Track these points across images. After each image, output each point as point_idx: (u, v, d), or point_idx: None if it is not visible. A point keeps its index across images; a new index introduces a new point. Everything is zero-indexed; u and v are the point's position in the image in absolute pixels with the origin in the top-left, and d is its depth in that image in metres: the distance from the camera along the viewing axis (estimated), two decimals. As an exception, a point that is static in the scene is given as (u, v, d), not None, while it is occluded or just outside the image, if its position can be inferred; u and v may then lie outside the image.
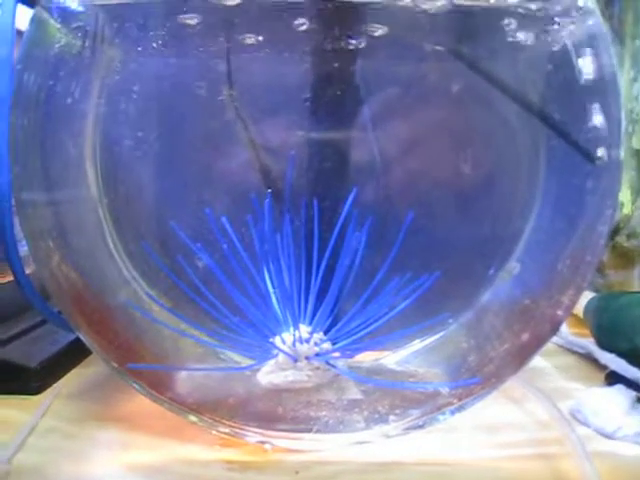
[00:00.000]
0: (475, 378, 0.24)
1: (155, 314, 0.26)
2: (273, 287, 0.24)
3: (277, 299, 0.24)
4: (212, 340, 0.25)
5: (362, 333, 0.24)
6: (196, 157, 0.27)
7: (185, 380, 0.26)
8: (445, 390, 0.25)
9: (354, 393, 0.25)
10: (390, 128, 0.26)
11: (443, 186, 0.27)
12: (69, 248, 0.25)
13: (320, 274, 0.24)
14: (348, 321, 0.24)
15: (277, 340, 0.24)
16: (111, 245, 0.27)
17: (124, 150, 0.26)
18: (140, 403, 0.27)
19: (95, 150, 0.26)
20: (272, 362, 0.24)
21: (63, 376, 0.31)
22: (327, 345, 0.25)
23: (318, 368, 0.24)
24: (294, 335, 0.24)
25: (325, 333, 0.25)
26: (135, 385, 0.25)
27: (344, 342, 0.24)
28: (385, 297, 0.23)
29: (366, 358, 0.28)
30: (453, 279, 0.25)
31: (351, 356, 0.25)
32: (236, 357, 0.28)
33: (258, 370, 0.25)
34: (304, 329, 0.24)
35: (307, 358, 0.24)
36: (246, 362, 0.26)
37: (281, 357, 0.24)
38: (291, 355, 0.24)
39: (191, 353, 0.27)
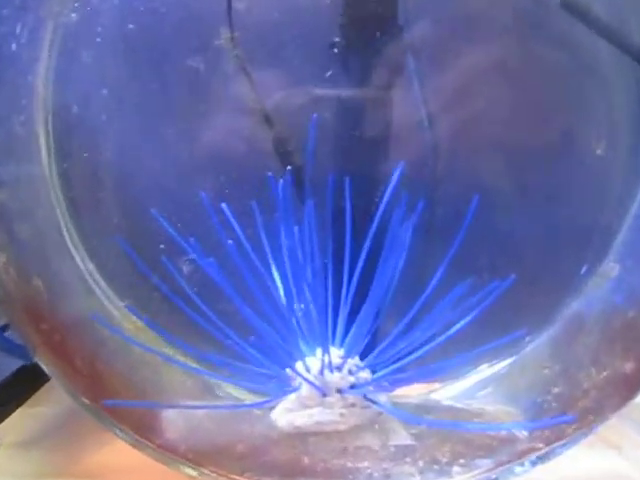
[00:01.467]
0: (565, 416, 0.25)
1: (130, 332, 0.27)
2: (292, 297, 0.25)
3: (298, 313, 0.25)
4: (208, 368, 0.26)
5: (410, 358, 0.25)
6: (183, 123, 0.28)
7: (179, 421, 0.26)
8: (523, 433, 0.25)
9: (403, 437, 0.25)
10: (444, 84, 0.26)
11: (515, 161, 0.27)
12: (16, 244, 0.26)
13: (354, 280, 0.25)
14: (392, 343, 0.25)
15: (299, 367, 0.25)
16: (68, 240, 0.28)
17: (85, 113, 0.27)
18: (117, 453, 0.27)
19: (47, 113, 0.26)
20: (292, 397, 0.25)
21: (3, 419, 0.31)
22: (365, 374, 0.25)
23: (354, 404, 0.25)
24: (322, 361, 0.24)
25: (361, 358, 0.25)
26: (114, 428, 0.25)
27: (386, 370, 0.25)
28: (441, 311, 0.24)
29: (412, 392, 0.29)
30: (531, 284, 0.26)
31: (394, 389, 0.26)
32: (236, 392, 0.29)
33: (273, 408, 0.25)
34: (335, 353, 0.25)
35: (339, 391, 0.25)
36: (255, 398, 0.27)
37: (305, 390, 0.25)
38: (318, 387, 0.24)
39: (181, 386, 0.28)
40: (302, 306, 0.25)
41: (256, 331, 0.24)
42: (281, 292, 0.25)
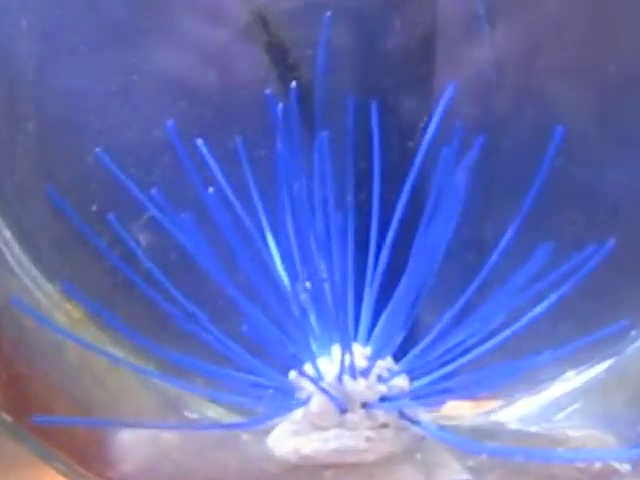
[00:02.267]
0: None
1: (64, 326, 0.28)
2: (296, 273, 0.25)
3: (305, 296, 0.25)
4: (175, 375, 0.26)
5: (464, 361, 0.25)
6: (136, 37, 0.29)
7: (138, 449, 0.26)
8: (624, 466, 0.25)
9: (455, 472, 0.25)
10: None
11: (604, 100, 0.29)
12: None
13: (386, 250, 0.25)
14: (438, 338, 0.25)
15: (307, 372, 0.25)
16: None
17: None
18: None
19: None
20: (298, 415, 0.25)
21: None
22: (401, 382, 0.25)
23: (386, 425, 0.24)
24: (340, 363, 0.24)
25: (395, 360, 0.26)
26: (47, 456, 0.25)
27: (431, 377, 0.25)
28: (508, 293, 0.24)
29: (464, 410, 0.29)
30: (636, 257, 0.27)
31: (441, 403, 0.26)
32: (214, 411, 0.30)
33: (270, 431, 0.25)
34: (359, 352, 0.25)
35: (365, 406, 0.24)
36: (241, 417, 0.27)
37: (316, 404, 0.25)
38: (336, 399, 0.24)
39: (136, 402, 0.29)
40: (311, 285, 0.25)
41: (245, 321, 0.24)
42: (280, 265, 0.25)
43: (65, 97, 0.30)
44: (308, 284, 0.25)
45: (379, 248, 0.26)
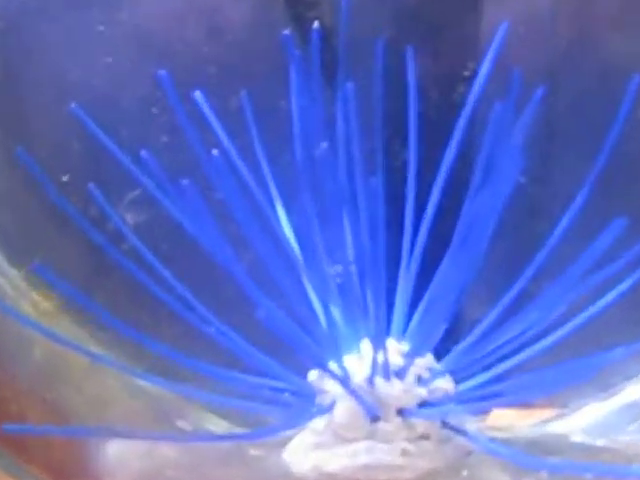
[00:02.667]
0: None
1: (36, 317, 0.29)
2: (316, 252, 0.25)
3: (329, 280, 0.25)
4: (165, 376, 0.26)
5: (519, 359, 0.25)
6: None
7: (130, 463, 0.26)
8: None
9: (511, 494, 0.25)
10: None
11: None
12: None
13: (424, 233, 0.26)
14: (488, 332, 0.25)
15: (333, 368, 0.25)
16: None
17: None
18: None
19: None
20: (319, 424, 0.25)
21: None
22: (445, 383, 0.25)
23: (426, 436, 0.24)
24: (372, 361, 0.24)
25: (437, 358, 0.26)
26: (19, 473, 0.26)
27: (477, 379, 0.25)
28: (569, 280, 0.24)
29: (516, 419, 0.30)
30: None
31: (490, 410, 0.28)
32: (213, 422, 0.30)
33: (285, 443, 0.26)
34: (393, 347, 0.25)
35: (402, 413, 0.24)
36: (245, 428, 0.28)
37: (341, 411, 0.25)
38: (366, 405, 0.24)
39: (121, 410, 0.29)
40: (336, 269, 0.25)
41: (255, 311, 0.23)
42: (296, 244, 0.26)
43: (36, 52, 0.31)
44: (335, 269, 0.25)
45: (417, 223, 0.26)
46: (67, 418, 0.27)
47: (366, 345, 0.25)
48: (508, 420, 0.29)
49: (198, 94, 0.26)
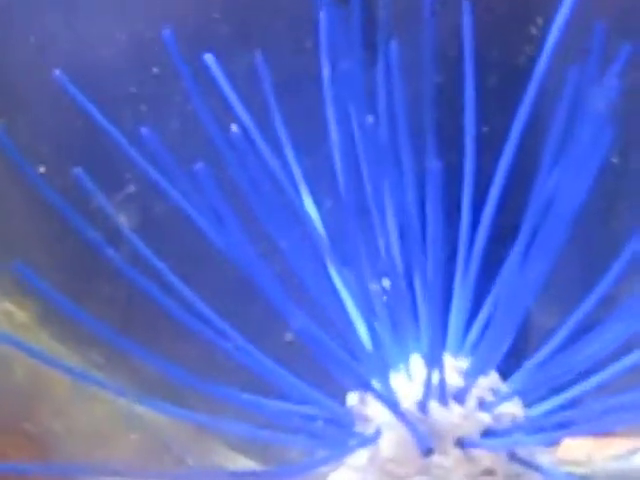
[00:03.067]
0: None
1: (11, 330, 0.30)
2: (357, 250, 0.25)
3: (373, 286, 0.25)
4: (171, 401, 0.26)
5: (594, 381, 0.25)
6: None
7: None
8: None
9: None
10: None
11: None
12: None
13: (485, 227, 0.26)
14: (560, 349, 0.25)
15: (377, 390, 0.24)
16: None
17: None
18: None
19: None
20: (361, 458, 0.25)
21: None
22: (514, 408, 0.25)
23: (491, 472, 0.24)
24: (426, 381, 0.24)
25: (503, 377, 0.26)
26: None
27: (549, 403, 0.26)
28: None
29: (594, 450, 0.30)
30: None
31: (561, 439, 0.28)
32: (225, 457, 0.31)
33: None
34: (450, 364, 0.25)
35: (462, 444, 0.24)
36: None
37: (388, 441, 0.25)
38: (417, 433, 0.24)
39: (114, 442, 0.30)
40: (380, 268, 0.25)
41: (279, 325, 0.24)
42: (326, 240, 0.26)
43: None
44: (382, 279, 0.25)
45: (476, 215, 0.26)
46: (46, 450, 0.28)
47: (417, 362, 0.25)
48: (584, 451, 0.29)
49: (208, 56, 0.26)
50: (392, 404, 0.24)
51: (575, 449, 0.29)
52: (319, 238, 0.26)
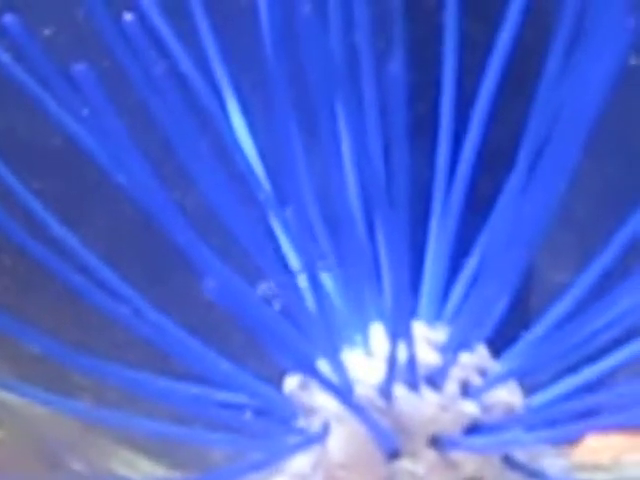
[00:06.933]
0: None
1: None
2: (300, 199, 0.23)
3: (318, 240, 0.24)
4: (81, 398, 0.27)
5: (611, 361, 0.23)
6: None
7: None
8: None
9: None
10: None
11: None
12: None
13: (466, 163, 0.24)
14: (567, 319, 0.23)
15: (324, 371, 0.22)
16: None
17: None
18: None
19: None
20: (304, 462, 0.22)
21: None
22: (508, 395, 0.23)
23: None
24: (389, 357, 0.22)
25: (493, 353, 0.24)
26: None
27: (562, 387, 0.23)
28: None
29: (616, 450, 0.28)
30: None
31: (578, 436, 0.26)
32: (126, 460, 0.30)
33: None
34: (422, 335, 0.23)
35: (438, 442, 0.22)
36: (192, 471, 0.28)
37: (338, 441, 0.22)
38: (380, 430, 0.21)
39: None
40: (333, 221, 0.23)
41: (198, 284, 0.20)
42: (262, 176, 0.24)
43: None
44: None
45: (457, 142, 0.24)
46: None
47: (378, 333, 0.22)
48: (610, 453, 0.26)
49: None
50: (344, 390, 0.21)
51: (598, 450, 0.26)
52: (250, 172, 0.24)
